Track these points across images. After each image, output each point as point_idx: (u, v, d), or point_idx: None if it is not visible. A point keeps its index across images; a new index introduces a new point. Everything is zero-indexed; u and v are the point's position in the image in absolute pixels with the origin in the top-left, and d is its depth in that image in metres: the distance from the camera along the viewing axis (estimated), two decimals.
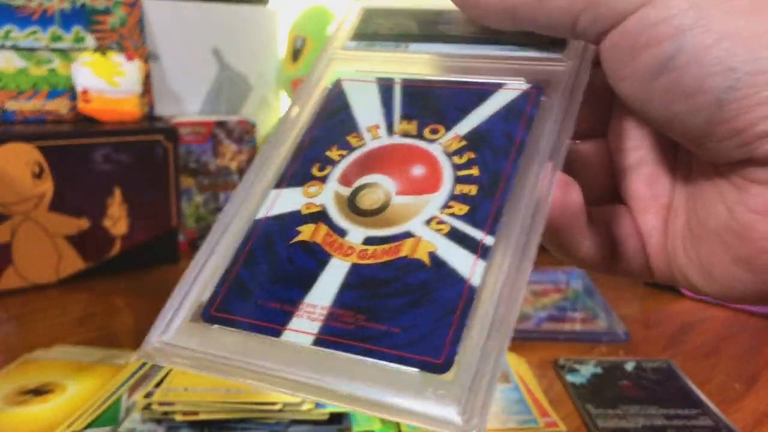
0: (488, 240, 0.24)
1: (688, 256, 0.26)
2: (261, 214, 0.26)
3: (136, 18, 0.90)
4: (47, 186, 0.74)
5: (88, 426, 0.46)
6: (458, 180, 0.25)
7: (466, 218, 0.24)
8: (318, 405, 0.46)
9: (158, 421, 0.46)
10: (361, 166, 0.27)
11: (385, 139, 0.28)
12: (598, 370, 0.55)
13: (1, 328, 0.66)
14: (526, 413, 0.48)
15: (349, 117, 0.29)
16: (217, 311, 0.24)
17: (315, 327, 0.23)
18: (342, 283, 0.24)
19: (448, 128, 0.27)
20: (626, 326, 0.63)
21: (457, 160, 0.26)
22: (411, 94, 0.29)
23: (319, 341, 0.23)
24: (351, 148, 0.28)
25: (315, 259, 0.25)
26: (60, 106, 0.86)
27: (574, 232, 0.26)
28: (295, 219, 0.26)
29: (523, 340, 0.62)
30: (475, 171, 0.25)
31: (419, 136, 0.27)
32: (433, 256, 0.24)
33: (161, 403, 0.46)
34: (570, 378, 0.54)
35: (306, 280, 0.24)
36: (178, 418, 0.46)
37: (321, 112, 0.29)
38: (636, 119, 0.28)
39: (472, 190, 0.25)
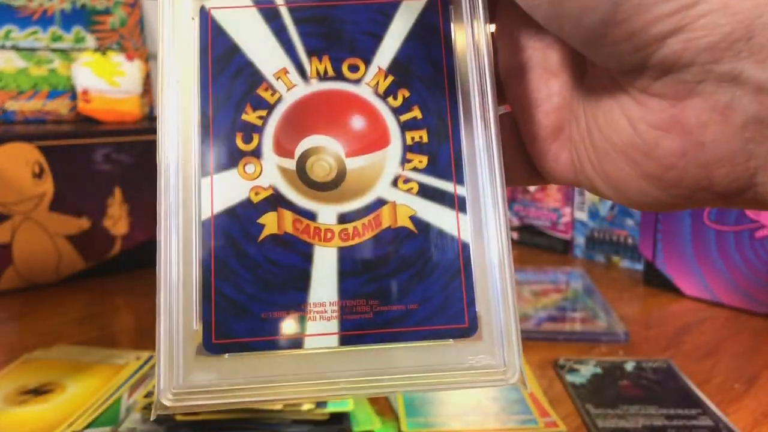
0: (460, 190, 0.23)
1: (593, 167, 0.25)
2: (206, 214, 0.23)
3: (136, 18, 0.90)
4: (47, 186, 0.74)
5: (88, 426, 0.46)
6: (405, 127, 0.24)
7: (430, 170, 0.24)
8: (318, 404, 0.46)
9: (158, 421, 0.46)
10: (292, 127, 0.24)
11: (302, 87, 0.24)
12: (598, 370, 0.55)
13: (1, 328, 0.66)
14: (526, 413, 0.48)
15: (246, 63, 0.24)
16: (219, 338, 0.22)
17: (334, 326, 0.22)
18: (339, 272, 0.23)
19: (367, 61, 0.24)
20: (626, 326, 0.63)
21: (393, 102, 0.24)
22: (305, 21, 0.24)
23: (345, 339, 0.22)
24: (269, 106, 0.24)
25: (296, 252, 0.23)
26: (60, 106, 0.86)
27: None
28: (249, 210, 0.23)
29: (522, 340, 0.61)
30: (417, 113, 0.24)
31: (339, 76, 0.24)
32: (415, 220, 0.23)
33: None
34: (570, 378, 0.54)
35: (299, 279, 0.23)
36: (179, 418, 0.46)
37: (205, 60, 0.24)
38: (523, 16, 0.25)
39: (423, 136, 0.24)
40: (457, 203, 0.23)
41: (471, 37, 0.24)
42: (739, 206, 0.23)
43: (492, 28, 0.26)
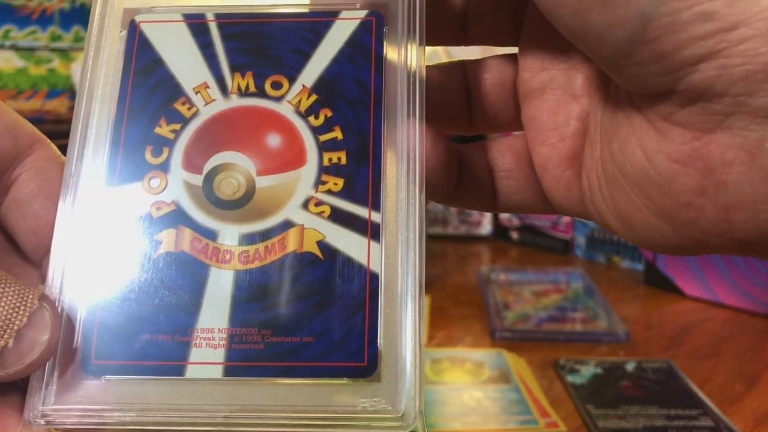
0: (375, 216, 0.22)
1: (603, 198, 0.23)
2: (103, 226, 0.22)
3: None
4: None
5: None
6: (323, 147, 0.23)
7: (345, 194, 0.22)
8: None
9: None
10: (205, 143, 0.23)
11: (221, 103, 0.23)
12: (599, 370, 0.55)
13: None
14: (526, 413, 0.48)
15: (168, 77, 0.24)
16: (99, 358, 0.21)
17: (220, 355, 0.21)
18: (233, 297, 0.21)
19: (291, 79, 0.23)
20: (627, 326, 0.63)
21: (314, 121, 0.23)
22: (233, 36, 0.24)
23: (229, 370, 0.21)
24: (184, 120, 0.23)
25: (191, 273, 0.21)
26: (59, 105, 0.86)
27: (442, 181, 0.24)
28: (147, 226, 0.22)
29: (523, 341, 0.61)
30: (338, 134, 0.23)
31: (261, 93, 0.23)
32: (323, 246, 0.22)
33: None
34: (570, 378, 0.54)
35: (190, 302, 0.21)
36: None
37: (127, 72, 0.24)
38: (549, 34, 0.24)
39: (341, 158, 0.23)
40: (370, 230, 0.22)
41: (404, 59, 0.23)
42: (760, 257, 0.21)
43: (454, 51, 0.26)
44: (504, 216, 0.93)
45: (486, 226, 0.94)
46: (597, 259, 0.85)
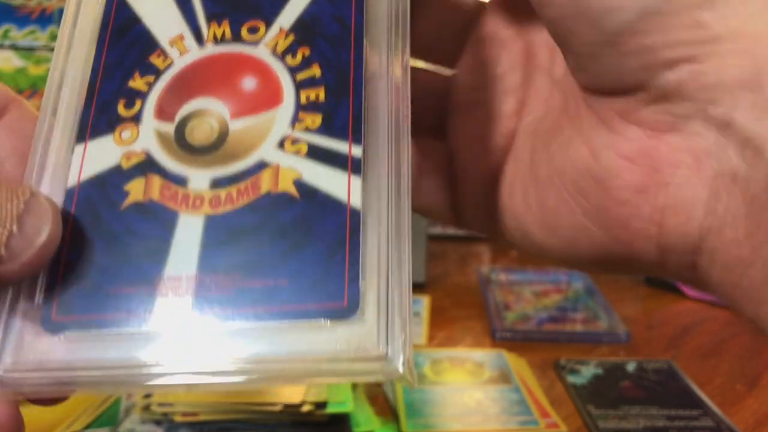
0: (356, 150, 0.21)
1: (527, 203, 0.23)
2: (72, 181, 0.21)
3: None
4: None
5: (88, 426, 0.46)
6: (300, 86, 0.22)
7: (323, 130, 0.21)
8: (318, 405, 0.46)
9: (157, 422, 0.46)
10: (178, 91, 0.22)
11: (196, 52, 0.23)
12: (599, 370, 0.55)
13: None
14: (526, 414, 0.48)
15: (144, 32, 0.23)
16: (60, 314, 0.20)
17: (186, 303, 0.20)
18: (202, 243, 0.20)
19: (268, 23, 0.23)
20: (627, 327, 0.63)
21: (291, 61, 0.22)
22: None
23: (196, 318, 0.19)
24: (157, 72, 0.23)
25: (159, 221, 0.21)
26: None
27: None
28: (116, 177, 0.21)
29: (523, 341, 0.61)
30: (316, 71, 0.22)
31: (237, 39, 0.23)
32: (299, 185, 0.20)
33: (160, 404, 0.46)
34: (571, 379, 0.54)
35: (158, 250, 0.20)
36: (178, 418, 0.45)
37: (104, 32, 0.24)
38: (491, 51, 0.25)
39: (320, 95, 0.21)
40: (350, 164, 0.20)
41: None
42: (673, 273, 0.21)
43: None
44: None
45: None
46: None
